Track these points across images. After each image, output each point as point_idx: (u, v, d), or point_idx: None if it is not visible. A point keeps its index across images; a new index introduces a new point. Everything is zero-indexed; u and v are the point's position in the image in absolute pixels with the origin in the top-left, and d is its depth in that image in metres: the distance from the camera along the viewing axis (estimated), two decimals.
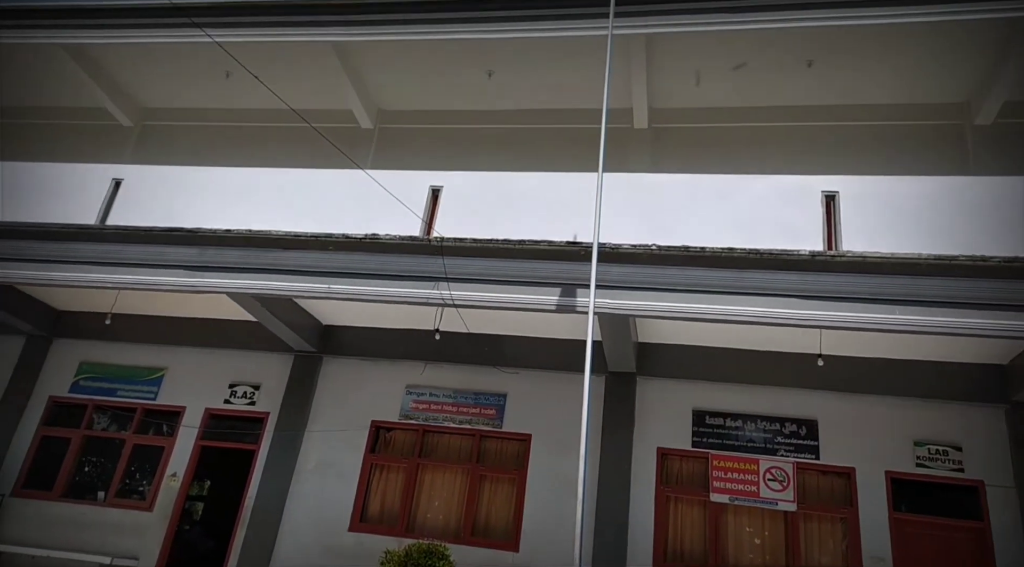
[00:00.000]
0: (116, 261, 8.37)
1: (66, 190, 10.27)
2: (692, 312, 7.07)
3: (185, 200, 10.22)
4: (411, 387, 9.95)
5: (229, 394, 10.33)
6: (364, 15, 9.36)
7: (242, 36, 9.26)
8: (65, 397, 10.70)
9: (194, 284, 8.22)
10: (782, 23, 7.73)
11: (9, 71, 11.15)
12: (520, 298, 7.55)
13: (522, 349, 9.74)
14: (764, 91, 9.11)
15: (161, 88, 11.06)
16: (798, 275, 6.86)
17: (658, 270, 7.19)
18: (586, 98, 9.52)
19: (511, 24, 8.58)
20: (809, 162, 8.83)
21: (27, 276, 8.53)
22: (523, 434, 9.42)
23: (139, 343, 10.74)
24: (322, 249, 8.09)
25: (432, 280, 7.73)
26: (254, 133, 10.96)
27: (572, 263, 7.44)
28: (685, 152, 9.33)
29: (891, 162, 8.72)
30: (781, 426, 8.86)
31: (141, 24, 9.58)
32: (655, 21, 8.06)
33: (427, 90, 10.20)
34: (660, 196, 9.06)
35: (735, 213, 8.65)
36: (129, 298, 9.90)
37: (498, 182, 9.75)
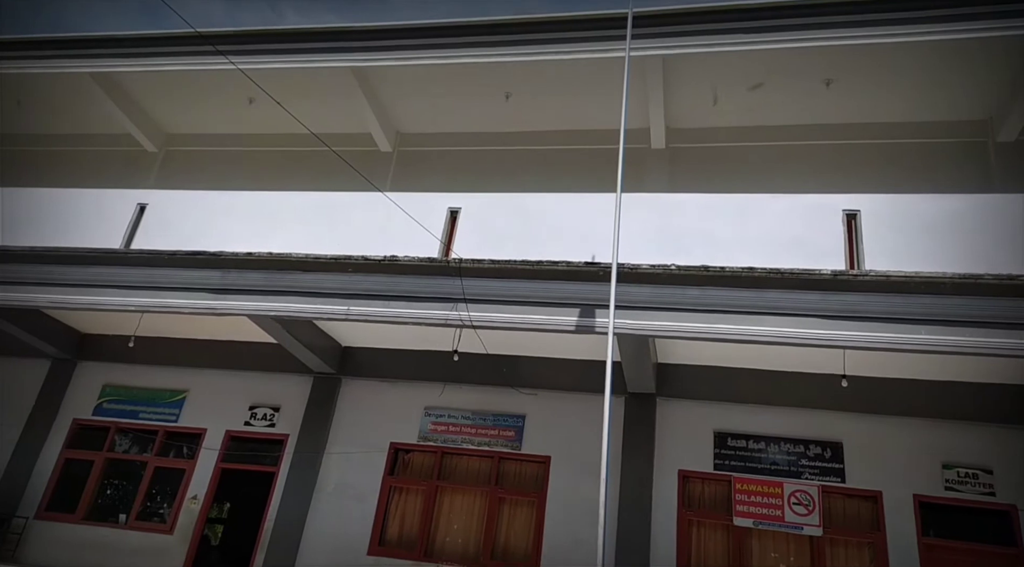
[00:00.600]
0: (140, 284, 8.49)
1: (92, 215, 10.47)
2: (712, 332, 7.01)
3: (208, 224, 10.38)
4: (429, 409, 9.93)
5: (249, 416, 10.37)
6: (383, 41, 9.54)
7: (265, 63, 9.46)
8: (88, 419, 10.81)
9: (216, 307, 8.31)
10: (800, 43, 7.75)
11: (38, 99, 11.46)
12: (538, 319, 7.54)
13: (540, 370, 9.70)
14: (782, 110, 9.10)
15: (185, 114, 11.30)
16: (820, 295, 6.79)
17: (677, 290, 7.14)
18: (603, 119, 9.57)
19: (528, 47, 8.68)
20: (829, 180, 8.78)
21: (53, 300, 8.68)
22: (542, 456, 9.34)
23: (161, 366, 10.84)
24: (342, 271, 8.16)
25: (450, 301, 7.75)
26: (276, 157, 11.14)
27: (590, 283, 7.42)
28: (702, 172, 9.32)
29: (912, 180, 8.64)
30: (805, 448, 8.71)
31: (168, 52, 9.82)
32: (672, 42, 8.12)
33: (445, 113, 10.32)
34: (678, 216, 9.04)
35: (754, 232, 8.60)
36: (152, 321, 10.02)
37: (516, 203, 9.79)
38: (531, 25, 8.72)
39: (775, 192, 8.88)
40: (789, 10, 7.81)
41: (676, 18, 8.16)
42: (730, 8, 7.93)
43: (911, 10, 7.82)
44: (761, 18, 7.89)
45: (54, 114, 11.77)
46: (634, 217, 8.55)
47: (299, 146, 10.78)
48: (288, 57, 9.58)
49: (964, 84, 8.37)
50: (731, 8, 7.93)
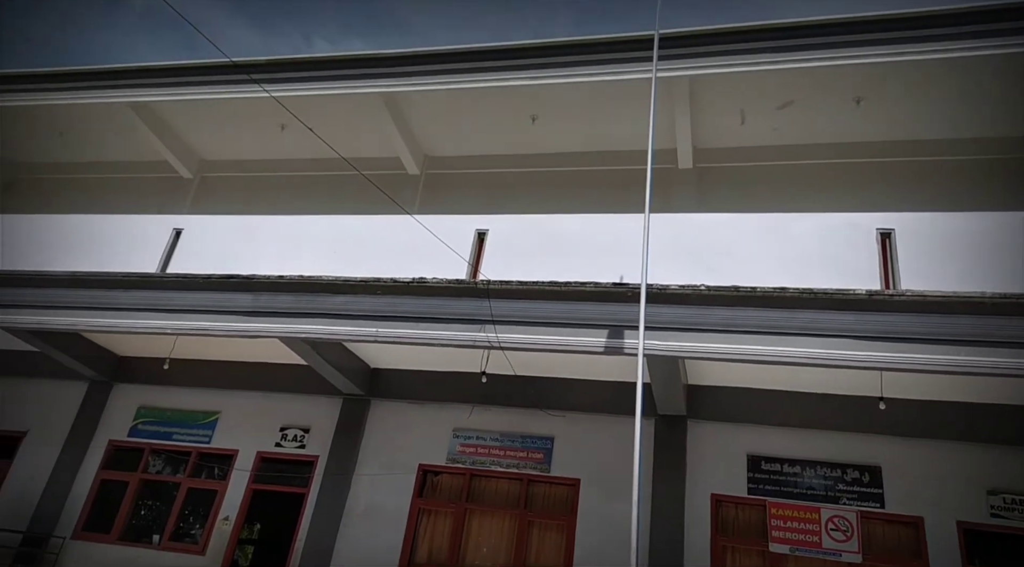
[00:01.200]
0: (175, 308, 8.67)
1: (129, 240, 10.74)
2: (743, 354, 6.90)
3: (241, 247, 10.57)
4: (458, 430, 9.91)
5: (280, 437, 10.45)
6: (411, 66, 9.70)
7: (296, 90, 9.68)
8: (124, 441, 10.99)
9: (248, 329, 8.43)
10: (830, 61, 7.69)
11: (79, 129, 11.86)
12: (567, 340, 7.50)
13: (569, 391, 9.64)
14: (811, 129, 9.02)
15: (220, 141, 11.58)
16: (855, 315, 6.65)
17: (707, 311, 7.06)
18: (629, 139, 9.58)
19: (555, 70, 8.75)
20: (860, 199, 8.65)
21: (92, 323, 8.89)
22: (572, 479, 9.24)
23: (195, 387, 11.01)
24: (371, 293, 8.23)
25: (478, 323, 7.76)
26: (306, 182, 11.34)
27: (619, 304, 7.38)
28: (731, 191, 9.26)
29: (947, 198, 8.47)
30: (843, 473, 8.49)
31: (203, 81, 10.11)
32: (699, 63, 8.12)
33: (472, 136, 10.43)
34: (707, 236, 8.97)
35: (785, 252, 8.49)
36: (185, 343, 10.20)
37: (543, 225, 9.81)
38: (557, 48, 8.80)
39: (806, 211, 8.77)
40: (818, 29, 7.76)
41: (703, 39, 8.17)
42: (757, 28, 7.92)
43: (942, 27, 7.73)
44: (789, 37, 7.86)
45: (94, 143, 12.16)
46: (662, 237, 8.50)
47: (329, 170, 10.97)
48: (319, 84, 9.79)
49: (997, 100, 8.22)
50: (758, 28, 7.91)
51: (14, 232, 10.25)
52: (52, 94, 11.03)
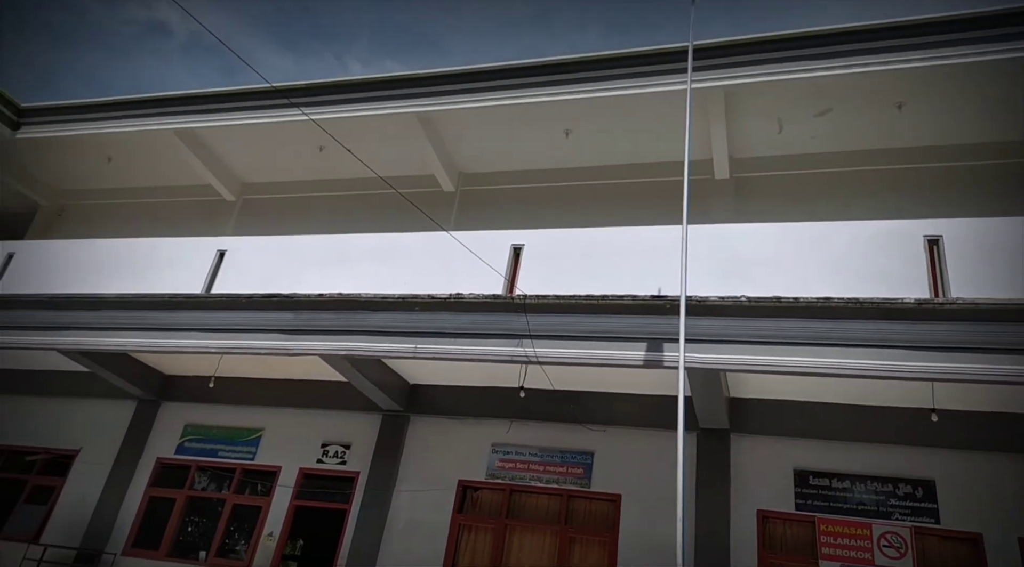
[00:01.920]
0: (220, 327, 8.85)
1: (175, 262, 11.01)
2: (788, 366, 6.76)
3: (282, 267, 10.76)
4: (497, 446, 9.89)
5: (321, 454, 10.56)
6: (445, 85, 9.83)
7: (334, 113, 9.88)
8: (171, 458, 11.23)
9: (290, 347, 8.57)
10: (869, 67, 7.55)
11: (126, 155, 12.28)
12: (605, 354, 7.44)
13: (608, 405, 9.55)
14: (851, 135, 8.86)
15: (260, 164, 11.87)
16: (904, 324, 6.47)
17: (749, 322, 6.95)
18: (664, 151, 9.53)
19: (588, 85, 8.77)
20: (905, 206, 8.44)
21: (140, 344, 9.13)
22: (612, 494, 9.13)
23: (239, 405, 11.20)
24: (408, 310, 8.29)
25: (516, 338, 7.75)
26: (345, 201, 11.53)
27: (657, 317, 7.30)
28: (769, 201, 9.13)
29: (996, 203, 8.21)
30: (894, 487, 8.22)
31: (245, 107, 10.39)
32: (734, 73, 8.06)
33: (506, 152, 10.49)
34: (745, 246, 8.82)
35: (827, 261, 8.28)
36: (230, 362, 10.41)
37: (579, 238, 9.77)
38: (589, 63, 8.82)
39: (848, 219, 8.58)
40: (855, 35, 7.64)
41: (737, 48, 8.11)
42: (793, 36, 7.83)
43: (985, 28, 7.54)
44: (826, 44, 7.75)
45: (140, 169, 12.58)
46: (699, 249, 8.40)
47: (367, 190, 11.14)
48: (356, 105, 9.98)
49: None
50: (794, 36, 7.82)
51: (66, 257, 10.63)
52: (101, 123, 11.47)
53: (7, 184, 13.33)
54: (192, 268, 10.58)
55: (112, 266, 10.14)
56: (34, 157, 12.88)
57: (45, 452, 11.79)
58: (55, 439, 11.80)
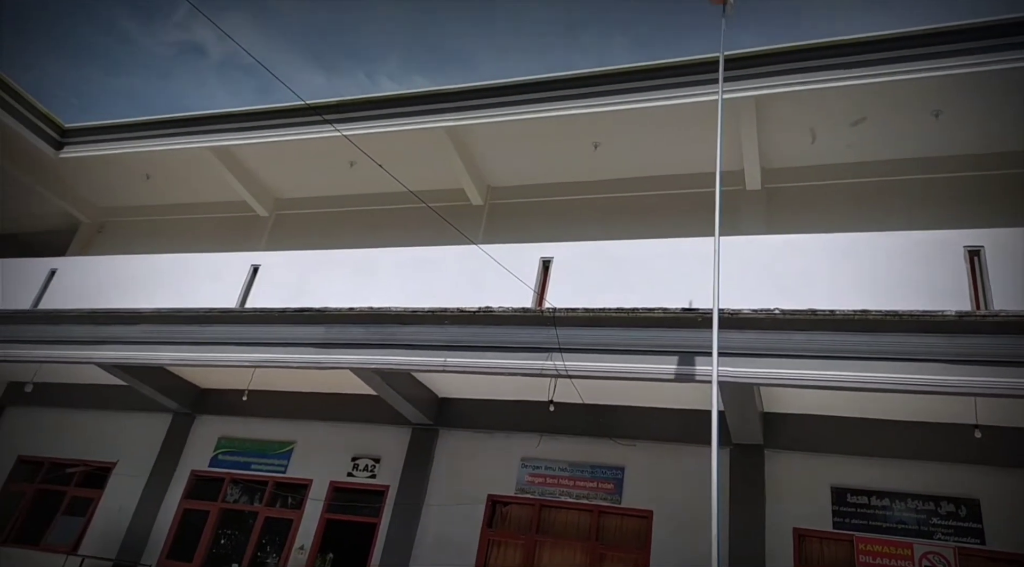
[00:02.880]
0: (253, 341, 8.97)
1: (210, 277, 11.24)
2: (824, 380, 6.60)
3: (314, 281, 10.90)
4: (526, 460, 9.82)
5: (352, 467, 10.60)
6: (474, 100, 9.90)
7: (365, 128, 10.02)
8: (205, 471, 11.37)
9: (321, 361, 8.64)
10: (904, 75, 7.41)
11: (164, 173, 12.60)
12: (635, 367, 7.36)
13: (639, 420, 9.43)
14: (886, 144, 8.69)
15: (293, 180, 12.07)
16: (944, 338, 6.29)
17: (783, 335, 6.82)
18: (693, 162, 9.46)
19: (618, 97, 8.76)
20: (943, 216, 8.23)
21: (176, 358, 9.30)
22: (644, 510, 9.00)
23: (271, 418, 11.32)
24: (438, 323, 8.32)
25: (545, 351, 7.72)
26: (375, 215, 11.65)
27: (689, 330, 7.21)
28: (802, 212, 8.99)
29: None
30: (936, 506, 7.96)
31: (279, 124, 10.60)
32: (766, 83, 7.98)
33: (534, 165, 10.52)
34: (778, 258, 8.68)
35: (863, 273, 8.11)
36: (262, 375, 10.54)
37: (608, 251, 9.72)
38: (619, 76, 8.81)
39: (884, 230, 8.40)
40: (889, 43, 7.52)
41: (768, 58, 8.03)
42: (825, 45, 7.73)
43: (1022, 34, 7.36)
44: (860, 53, 7.64)
45: (178, 186, 12.89)
46: (731, 261, 8.28)
47: (397, 204, 11.24)
48: (387, 121, 10.11)
49: None
50: (827, 45, 7.73)
51: (106, 272, 10.90)
52: (140, 142, 11.80)
53: (51, 202, 13.76)
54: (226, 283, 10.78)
55: (150, 281, 10.37)
56: (76, 175, 13.29)
57: (84, 464, 12.04)
58: (93, 451, 12.04)
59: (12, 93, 11.83)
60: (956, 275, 7.85)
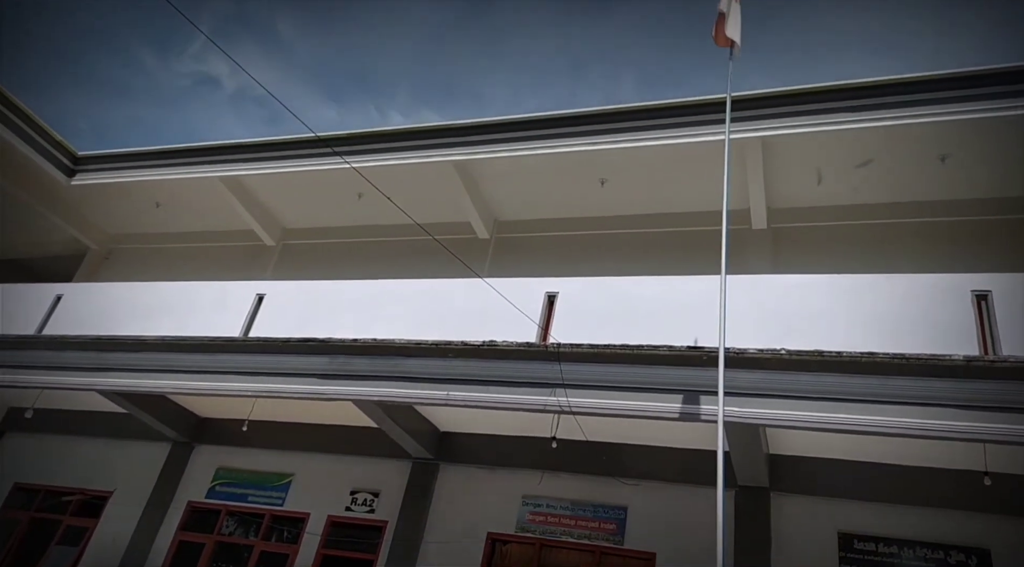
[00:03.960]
0: (256, 370, 8.93)
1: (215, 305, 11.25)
2: (830, 423, 6.52)
3: (318, 311, 10.90)
4: (527, 497, 9.67)
5: (350, 501, 10.45)
6: (482, 135, 10.01)
7: (374, 161, 10.12)
8: (202, 502, 11.22)
9: (324, 392, 8.59)
10: (911, 120, 7.48)
11: (174, 201, 12.71)
12: (639, 405, 7.29)
13: (643, 459, 9.31)
14: (893, 187, 8.73)
15: (301, 210, 12.16)
16: (952, 382, 6.22)
17: (790, 376, 6.75)
18: (700, 200, 9.50)
19: (624, 135, 8.84)
20: (950, 259, 8.22)
21: (178, 386, 9.26)
22: (647, 553, 8.81)
23: (270, 449, 11.20)
24: (442, 356, 8.28)
25: (549, 386, 7.66)
26: (381, 247, 11.69)
27: (694, 369, 7.15)
28: (809, 252, 8.99)
29: None
30: (946, 555, 7.78)
31: (289, 155, 10.72)
32: (772, 124, 8.05)
33: (541, 200, 10.58)
34: (784, 298, 8.66)
35: (870, 315, 8.07)
36: (263, 405, 10.46)
37: (614, 287, 9.72)
38: (626, 114, 8.91)
39: (890, 272, 8.39)
40: (895, 87, 7.60)
41: (775, 100, 8.12)
42: (833, 88, 7.82)
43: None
44: (866, 96, 7.72)
45: (186, 214, 12.99)
46: (737, 299, 8.26)
47: (403, 236, 11.29)
48: (395, 154, 10.22)
49: None
50: (834, 88, 7.82)
51: (111, 299, 10.93)
52: (152, 170, 11.93)
53: (60, 228, 13.87)
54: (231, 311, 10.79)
55: (155, 309, 10.39)
56: (86, 202, 13.42)
57: (80, 492, 11.90)
58: (91, 480, 11.91)
59: (28, 120, 12.01)
60: (964, 319, 7.81)
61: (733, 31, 6.78)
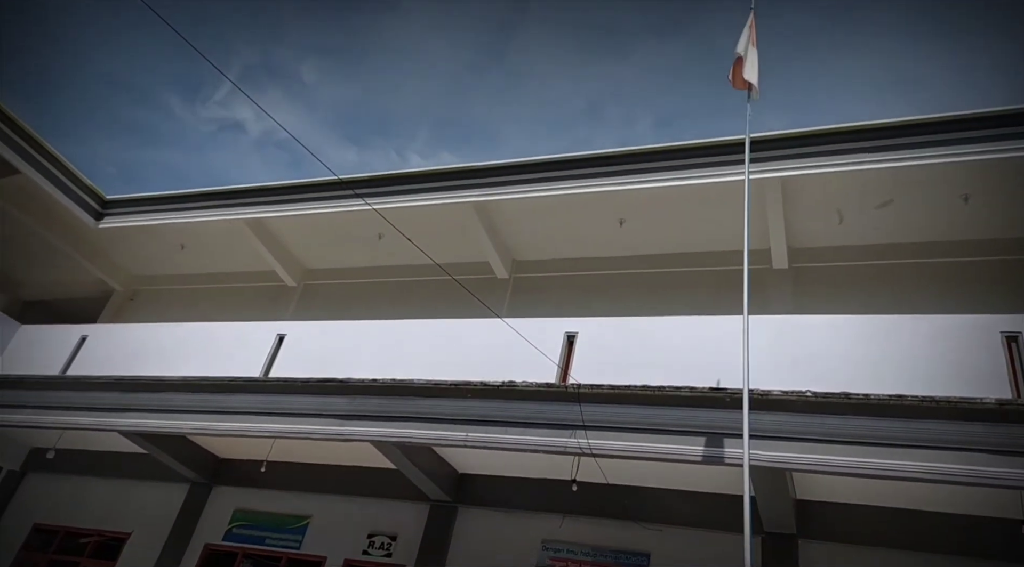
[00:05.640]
0: (275, 411, 8.93)
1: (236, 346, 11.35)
2: (859, 467, 6.35)
3: (338, 352, 10.93)
4: (547, 542, 9.47)
5: (367, 544, 10.30)
6: (501, 176, 10.13)
7: (394, 202, 10.26)
8: (219, 545, 11.11)
9: (343, 433, 8.55)
10: (932, 160, 7.46)
11: (198, 243, 12.93)
12: (661, 448, 7.16)
13: (665, 503, 9.10)
14: (916, 227, 8.67)
15: (322, 251, 12.32)
16: (984, 426, 6.06)
17: (816, 419, 6.62)
18: (720, 240, 9.48)
19: (642, 175, 8.90)
20: (978, 300, 8.09)
21: (198, 426, 9.27)
22: None
23: (288, 490, 11.12)
24: (460, 397, 8.23)
25: (569, 428, 7.56)
26: (401, 287, 11.77)
27: (717, 410, 7.04)
28: (831, 292, 8.90)
29: None
30: None
31: (312, 197, 10.92)
32: (792, 164, 8.07)
33: (559, 240, 10.62)
34: (806, 339, 8.54)
35: (895, 357, 7.92)
36: (281, 446, 10.43)
37: (634, 327, 9.66)
38: (645, 155, 8.98)
39: (914, 312, 8.27)
40: (916, 128, 7.60)
41: (795, 141, 8.15)
42: (852, 129, 7.84)
43: None
44: (885, 137, 7.73)
45: (210, 256, 13.20)
46: (759, 340, 8.16)
47: (422, 276, 11.36)
48: (415, 196, 10.36)
49: None
50: (853, 129, 7.83)
51: (134, 340, 11.06)
52: (178, 213, 12.18)
53: (86, 270, 14.13)
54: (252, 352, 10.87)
55: (178, 349, 10.48)
56: (113, 245, 13.69)
57: (98, 534, 11.86)
58: (109, 521, 11.88)
59: (58, 165, 12.35)
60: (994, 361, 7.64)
61: (751, 74, 6.86)
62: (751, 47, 6.91)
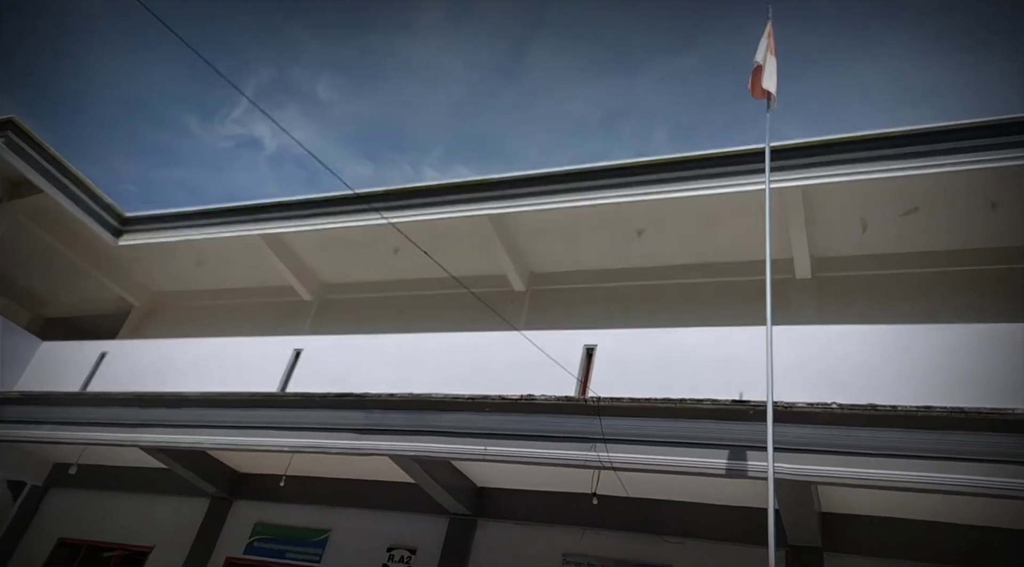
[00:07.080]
0: (293, 426, 8.94)
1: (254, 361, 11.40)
2: (886, 480, 6.23)
3: (355, 366, 10.94)
4: (568, 555, 9.36)
5: (387, 558, 10.25)
6: (517, 189, 10.11)
7: (410, 216, 10.27)
8: (240, 558, 11.10)
9: (361, 447, 8.54)
10: (957, 167, 7.34)
11: (216, 259, 13.03)
12: (683, 461, 7.07)
13: (687, 516, 8.97)
14: (941, 235, 8.52)
15: (338, 265, 12.35)
16: (1015, 437, 5.91)
17: (842, 431, 6.50)
18: (740, 250, 9.39)
19: (660, 186, 8.85)
20: (1006, 309, 7.93)
21: (218, 441, 9.30)
22: None
23: (307, 504, 11.11)
24: (479, 411, 8.19)
25: (589, 441, 7.49)
26: (418, 301, 11.77)
27: (740, 423, 6.93)
28: (856, 302, 8.77)
29: None
30: None
31: (329, 212, 10.96)
32: (813, 173, 7.98)
33: (577, 252, 10.58)
34: (831, 349, 8.42)
35: (921, 367, 7.78)
36: (300, 460, 10.43)
37: (653, 339, 9.58)
38: (662, 166, 8.93)
39: (940, 321, 8.11)
40: (940, 135, 7.50)
41: (815, 149, 8.07)
42: (874, 137, 7.74)
43: None
44: (908, 144, 7.63)
45: (227, 272, 13.29)
46: (782, 351, 8.04)
47: (439, 290, 11.35)
48: (431, 209, 10.37)
49: None
50: (875, 137, 7.74)
51: (153, 356, 11.14)
52: (196, 230, 12.29)
53: (106, 287, 14.28)
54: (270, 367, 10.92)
55: (196, 365, 10.54)
56: (132, 262, 13.83)
57: (121, 548, 11.91)
58: (132, 535, 11.93)
59: (79, 183, 12.50)
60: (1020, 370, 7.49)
61: (770, 83, 6.80)
62: (770, 56, 6.86)
